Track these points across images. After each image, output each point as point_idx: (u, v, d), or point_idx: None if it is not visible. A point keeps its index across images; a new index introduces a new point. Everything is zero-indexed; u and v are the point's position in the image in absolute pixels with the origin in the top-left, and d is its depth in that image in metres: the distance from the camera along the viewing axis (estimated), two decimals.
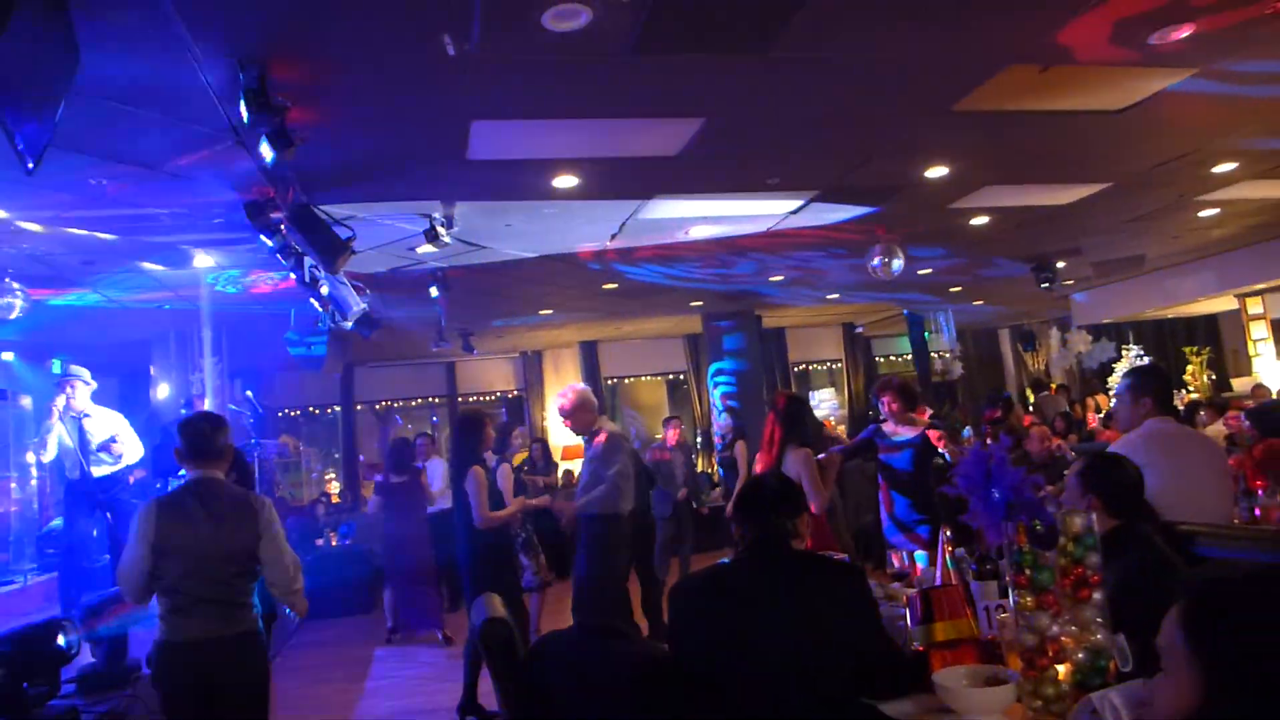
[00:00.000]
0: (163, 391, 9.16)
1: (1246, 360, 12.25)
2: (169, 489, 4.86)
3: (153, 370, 9.43)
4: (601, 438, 5.25)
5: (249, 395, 8.91)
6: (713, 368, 11.89)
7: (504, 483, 6.01)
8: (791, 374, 14.64)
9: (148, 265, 6.46)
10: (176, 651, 3.07)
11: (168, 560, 3.05)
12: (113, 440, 6.39)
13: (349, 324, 6.76)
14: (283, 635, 7.47)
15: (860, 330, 14.97)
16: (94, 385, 6.53)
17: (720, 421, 8.92)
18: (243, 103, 3.40)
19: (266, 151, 3.64)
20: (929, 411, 5.59)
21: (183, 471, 3.25)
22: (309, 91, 3.76)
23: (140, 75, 3.45)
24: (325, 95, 3.88)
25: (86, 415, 6.36)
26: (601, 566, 5.18)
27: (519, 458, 9.79)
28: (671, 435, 8.56)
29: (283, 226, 5.04)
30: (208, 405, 8.09)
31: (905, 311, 13.29)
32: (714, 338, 11.82)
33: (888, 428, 4.96)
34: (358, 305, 6.42)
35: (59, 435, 6.26)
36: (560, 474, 12.28)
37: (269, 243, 5.25)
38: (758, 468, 4.97)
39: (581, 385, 5.63)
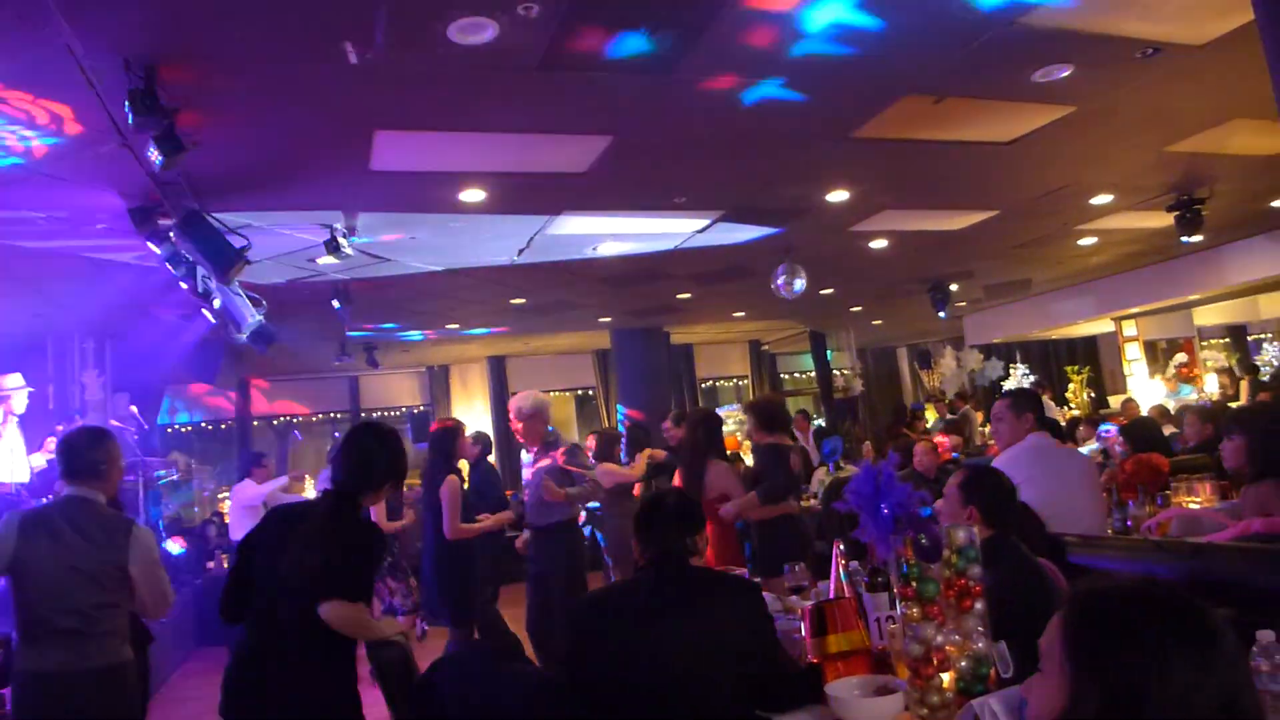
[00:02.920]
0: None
1: (1122, 379, 13.02)
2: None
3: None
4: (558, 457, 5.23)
5: (134, 410, 8.47)
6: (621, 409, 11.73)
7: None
8: (699, 389, 14.80)
9: None
10: (29, 684, 2.80)
11: (24, 582, 2.79)
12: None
13: (244, 337, 6.51)
14: (167, 663, 7.10)
15: (766, 347, 15.27)
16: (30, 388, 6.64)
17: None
18: (128, 103, 3.25)
19: (154, 155, 3.49)
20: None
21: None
22: (202, 94, 3.63)
23: (15, 70, 3.27)
24: (220, 99, 3.74)
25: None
26: (567, 582, 5.15)
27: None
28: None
29: (172, 234, 4.84)
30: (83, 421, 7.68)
31: (809, 330, 13.63)
32: (622, 354, 11.85)
33: None
34: (253, 317, 6.19)
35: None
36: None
37: (157, 250, 5.03)
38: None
39: (540, 394, 5.47)
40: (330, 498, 2.68)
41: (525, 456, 8.46)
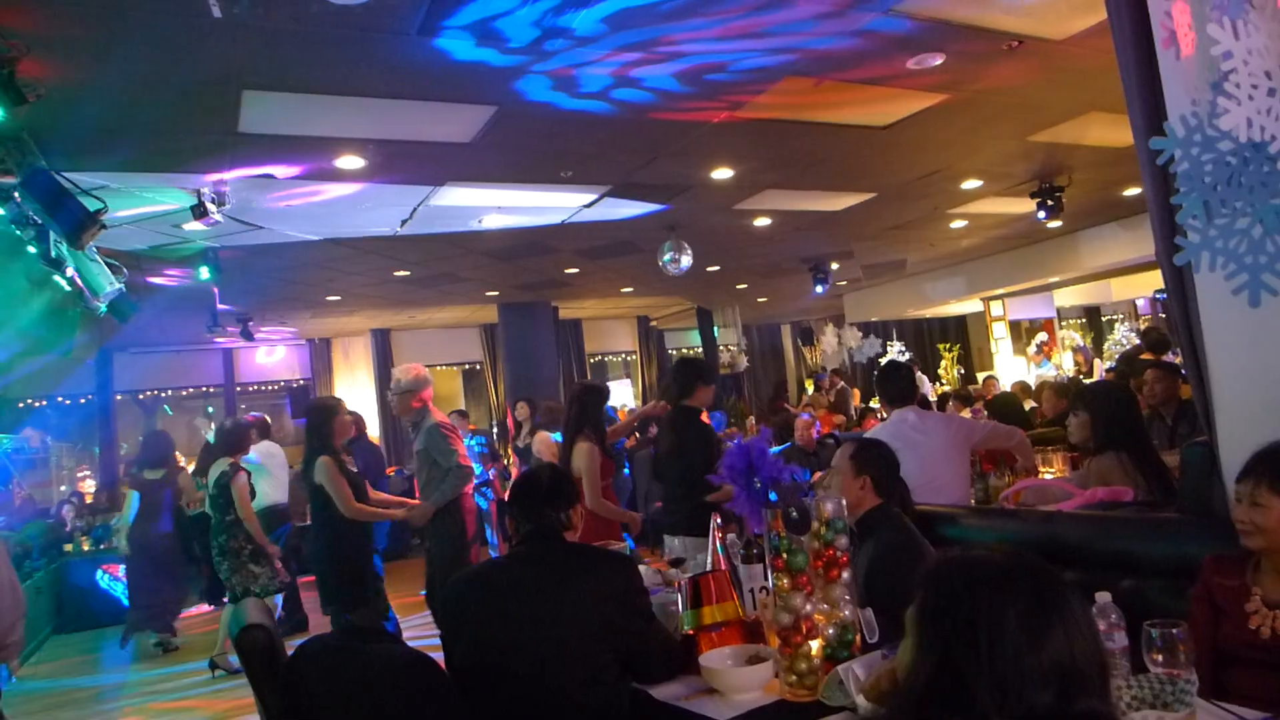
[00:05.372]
0: None
1: (989, 356, 13.75)
2: None
3: None
4: (433, 425, 5.00)
5: None
6: None
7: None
8: (588, 364, 14.82)
9: None
10: None
11: None
12: None
13: (102, 306, 6.09)
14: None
15: (654, 323, 15.40)
16: None
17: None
18: None
19: None
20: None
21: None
22: (47, 41, 3.35)
23: None
24: (67, 47, 3.46)
25: None
26: (459, 556, 4.95)
27: None
28: None
29: (16, 194, 4.46)
30: None
31: (696, 306, 13.81)
32: (510, 328, 11.73)
33: None
34: (111, 285, 5.79)
35: None
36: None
37: (0, 211, 4.64)
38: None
39: (423, 369, 5.27)
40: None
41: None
